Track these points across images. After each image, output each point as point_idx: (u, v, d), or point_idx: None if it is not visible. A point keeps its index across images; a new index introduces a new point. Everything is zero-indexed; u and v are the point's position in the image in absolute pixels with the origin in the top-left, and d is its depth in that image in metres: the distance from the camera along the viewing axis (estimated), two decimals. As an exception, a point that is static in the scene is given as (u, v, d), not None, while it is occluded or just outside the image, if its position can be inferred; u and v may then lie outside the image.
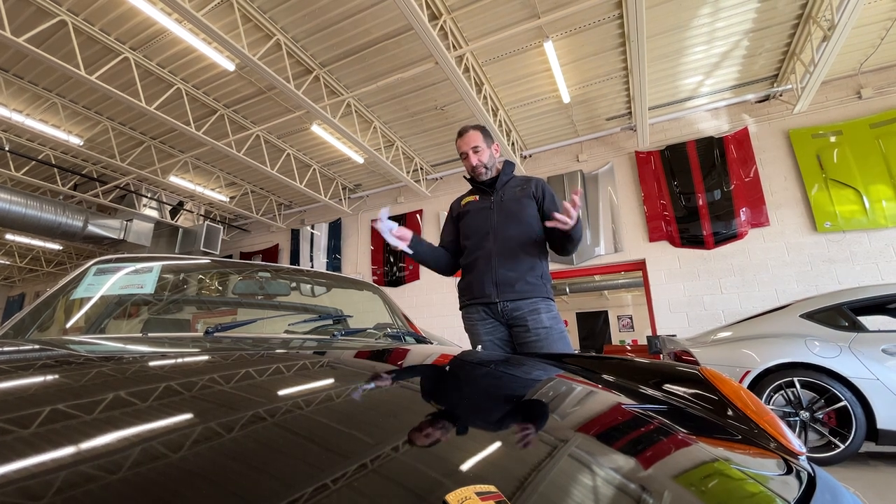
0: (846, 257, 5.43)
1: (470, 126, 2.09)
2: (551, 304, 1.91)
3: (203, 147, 7.12)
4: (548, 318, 1.85)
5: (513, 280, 1.87)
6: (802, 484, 0.63)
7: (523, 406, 0.79)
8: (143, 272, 1.45)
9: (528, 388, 0.95)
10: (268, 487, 0.37)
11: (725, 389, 0.94)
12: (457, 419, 0.63)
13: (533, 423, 0.69)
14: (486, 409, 0.74)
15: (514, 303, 1.86)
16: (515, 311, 1.86)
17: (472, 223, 2.04)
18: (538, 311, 1.85)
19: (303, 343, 1.22)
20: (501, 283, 1.88)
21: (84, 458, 0.38)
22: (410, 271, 8.27)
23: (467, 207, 2.09)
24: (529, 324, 1.83)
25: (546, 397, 0.89)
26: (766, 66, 5.82)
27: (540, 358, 1.34)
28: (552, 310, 1.89)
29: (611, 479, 0.52)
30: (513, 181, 2.07)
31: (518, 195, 2.00)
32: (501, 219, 1.96)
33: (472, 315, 1.97)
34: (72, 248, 12.07)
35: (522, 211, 1.96)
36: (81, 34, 4.95)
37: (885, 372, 2.87)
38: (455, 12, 4.78)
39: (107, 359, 0.79)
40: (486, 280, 1.91)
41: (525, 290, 1.87)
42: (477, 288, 1.94)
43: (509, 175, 2.09)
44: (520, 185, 2.04)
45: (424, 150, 7.73)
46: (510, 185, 2.05)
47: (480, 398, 0.82)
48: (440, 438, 0.54)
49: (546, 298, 1.89)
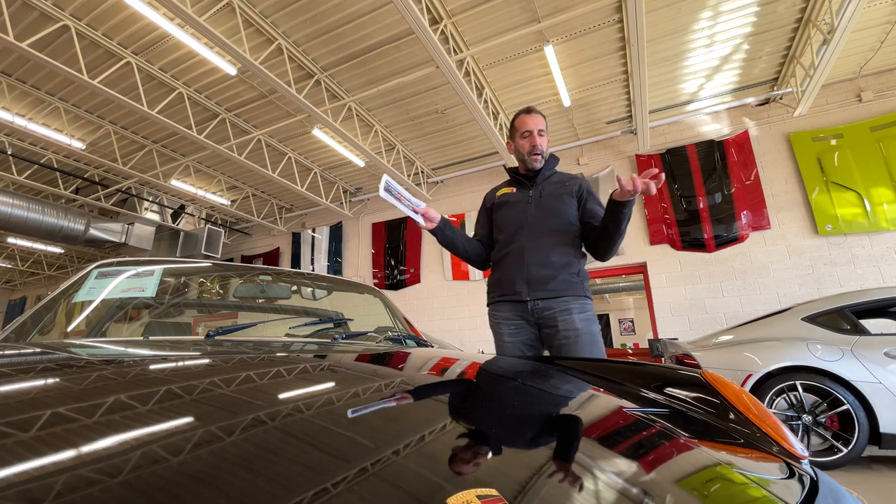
0: (848, 260, 5.42)
1: (536, 109, 1.93)
2: (586, 303, 1.77)
3: (204, 151, 7.15)
4: (580, 319, 1.72)
5: (546, 278, 1.76)
6: (805, 488, 0.62)
7: (525, 410, 0.79)
8: (144, 276, 1.45)
9: (530, 391, 0.95)
10: (269, 492, 0.37)
11: (727, 393, 0.94)
12: (458, 423, 0.63)
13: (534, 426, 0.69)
14: (487, 412, 0.74)
15: (546, 301, 1.74)
16: (546, 310, 1.75)
17: (506, 216, 1.92)
18: (569, 312, 1.72)
19: (304, 346, 1.21)
20: (533, 281, 1.77)
21: (86, 461, 0.38)
22: (411, 275, 8.27)
23: (503, 199, 1.96)
24: (559, 325, 1.72)
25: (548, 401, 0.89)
26: (767, 70, 5.83)
27: (541, 361, 1.34)
28: (586, 310, 1.76)
29: (612, 483, 0.52)
30: (555, 177, 1.95)
31: (559, 192, 1.87)
32: (539, 214, 1.84)
33: (497, 313, 1.87)
34: (73, 251, 12.09)
35: (562, 208, 1.84)
36: (84, 39, 4.97)
37: (887, 375, 2.86)
38: (456, 17, 4.80)
39: (108, 362, 0.79)
40: (517, 277, 1.80)
41: (558, 289, 1.75)
42: (507, 285, 1.83)
43: (552, 170, 1.96)
44: (562, 181, 1.92)
45: (425, 154, 7.74)
46: (552, 181, 1.92)
47: (481, 402, 0.82)
48: (441, 442, 0.54)
49: (580, 297, 1.76)
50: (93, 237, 8.60)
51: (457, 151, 7.65)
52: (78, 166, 7.88)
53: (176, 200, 9.35)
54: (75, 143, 6.70)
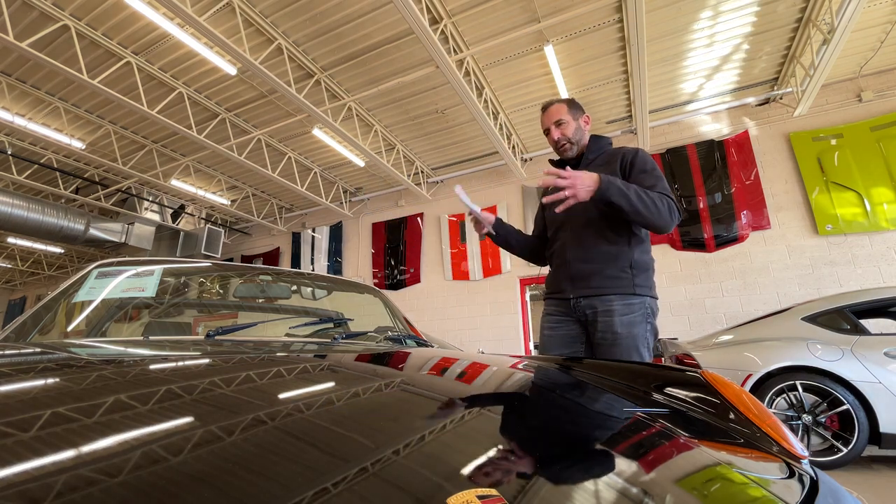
0: (848, 260, 5.42)
1: (555, 100, 1.84)
2: (633, 302, 1.62)
3: (204, 151, 7.15)
4: (621, 322, 1.59)
5: (588, 274, 1.67)
6: (805, 488, 0.62)
7: (525, 409, 0.79)
8: (144, 275, 1.45)
9: (529, 391, 0.95)
10: (270, 491, 0.37)
11: (727, 393, 0.94)
12: (458, 422, 0.63)
13: (534, 426, 0.69)
14: (487, 412, 0.74)
15: (589, 300, 1.66)
16: (588, 308, 1.66)
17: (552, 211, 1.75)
18: (611, 314, 1.61)
19: (304, 346, 1.22)
20: (576, 278, 1.69)
21: (86, 461, 0.38)
22: (411, 274, 8.27)
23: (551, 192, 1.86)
24: (599, 326, 1.63)
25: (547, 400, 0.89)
26: (767, 70, 5.83)
27: (542, 360, 1.34)
28: (632, 310, 1.61)
29: (612, 482, 0.52)
30: (599, 159, 1.79)
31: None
32: (580, 204, 1.59)
33: (545, 308, 1.84)
34: (73, 251, 12.09)
35: None
36: (84, 39, 4.97)
37: (887, 375, 2.86)
38: (456, 16, 4.80)
39: (108, 362, 0.79)
40: (561, 274, 1.76)
41: (602, 286, 1.64)
42: (554, 282, 1.81)
43: (596, 153, 1.82)
44: (607, 161, 1.75)
45: (425, 154, 7.74)
46: (595, 164, 1.78)
47: (481, 401, 0.82)
48: (441, 442, 0.54)
49: (628, 295, 1.62)
50: (93, 237, 8.60)
51: (457, 151, 7.65)
52: (78, 166, 7.89)
53: (176, 200, 9.35)
54: (75, 142, 6.70)
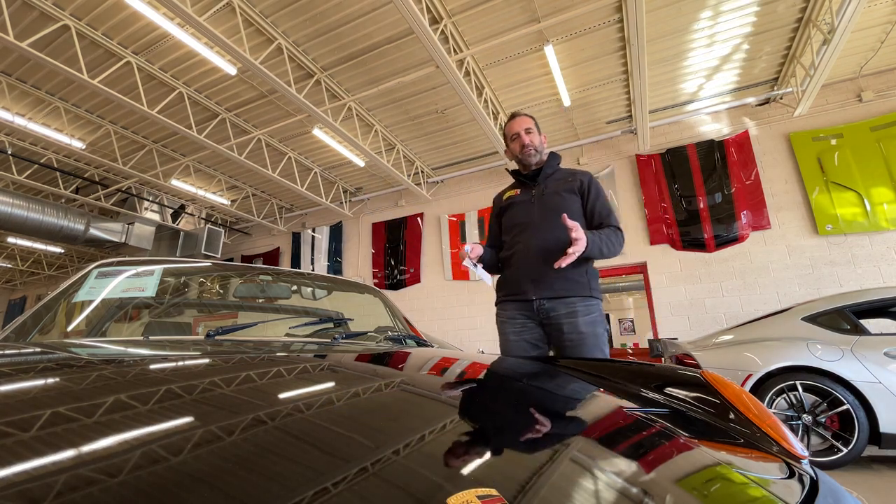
0: (848, 260, 5.42)
1: (522, 112, 2.01)
2: (592, 304, 1.77)
3: (204, 151, 7.15)
4: (584, 322, 1.72)
5: (551, 278, 1.76)
6: (805, 488, 0.62)
7: (525, 409, 0.79)
8: (144, 275, 1.45)
9: (530, 391, 0.95)
10: (269, 491, 0.37)
11: (727, 393, 0.94)
12: (458, 422, 0.63)
13: (534, 426, 0.69)
14: (488, 412, 0.74)
15: (551, 302, 1.75)
16: (551, 311, 1.76)
17: (512, 217, 1.95)
18: (574, 315, 1.73)
19: (304, 346, 1.22)
20: (539, 281, 1.78)
21: (86, 461, 0.38)
22: (411, 274, 8.26)
23: (509, 201, 2.00)
24: (564, 328, 1.73)
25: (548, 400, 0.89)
26: (767, 70, 5.83)
27: (542, 361, 1.34)
28: (592, 311, 1.75)
29: (613, 482, 0.52)
30: (557, 174, 1.96)
31: (561, 188, 1.89)
32: (542, 213, 1.85)
33: (503, 312, 1.89)
34: (73, 251, 12.09)
35: (564, 205, 1.83)
36: (84, 39, 4.97)
37: (887, 375, 2.86)
38: (456, 16, 4.80)
39: (108, 362, 0.79)
40: (522, 276, 1.82)
41: (564, 289, 1.75)
42: (513, 285, 1.86)
43: (554, 168, 1.98)
44: (564, 178, 1.93)
45: (425, 154, 7.74)
46: (554, 178, 1.94)
47: (481, 401, 0.82)
48: (441, 442, 0.54)
49: (587, 298, 1.76)
50: (93, 237, 8.60)
51: (457, 151, 7.65)
52: (78, 166, 7.88)
53: (176, 200, 9.35)
54: (75, 142, 6.69)
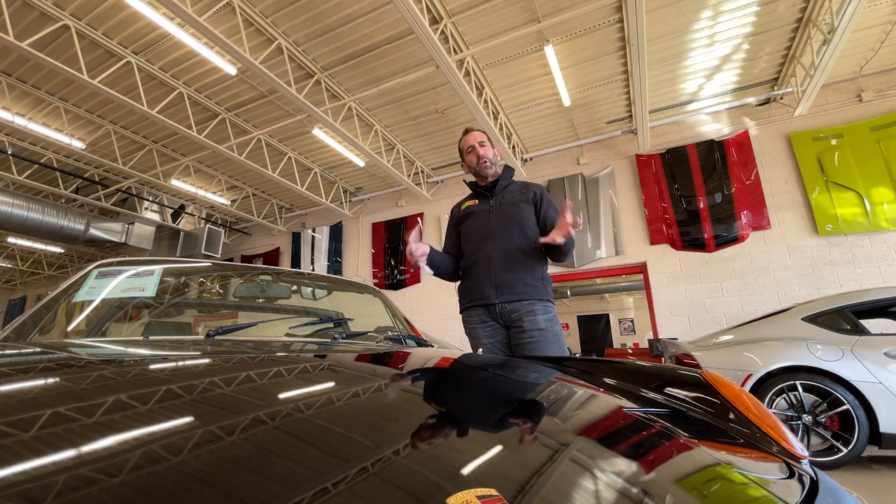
0: (848, 260, 5.43)
1: (475, 127, 2.14)
2: (549, 305, 1.92)
3: (204, 151, 7.15)
4: (544, 319, 1.86)
5: (512, 282, 1.89)
6: (805, 488, 0.62)
7: (524, 409, 0.79)
8: (144, 275, 1.45)
9: (530, 391, 0.95)
10: (269, 491, 0.37)
11: (727, 393, 0.94)
12: (458, 423, 0.63)
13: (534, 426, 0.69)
14: (488, 412, 0.74)
15: (512, 304, 1.87)
16: (513, 312, 1.88)
17: (472, 227, 2.06)
18: (534, 313, 1.86)
19: (304, 346, 1.21)
20: (501, 285, 1.89)
21: (86, 461, 0.38)
22: (411, 275, 8.27)
23: (467, 211, 2.12)
24: (525, 325, 1.85)
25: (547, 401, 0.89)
26: (767, 70, 5.83)
27: (541, 361, 1.34)
28: (549, 311, 1.90)
29: (612, 482, 0.52)
30: (512, 186, 2.10)
31: (517, 199, 2.03)
32: (501, 222, 1.98)
33: (471, 318, 1.99)
34: (73, 251, 12.09)
35: (521, 215, 1.98)
36: (84, 38, 4.97)
37: (887, 375, 2.86)
38: (456, 16, 4.80)
39: (108, 362, 0.79)
40: (485, 282, 1.93)
41: (524, 292, 1.88)
42: (476, 290, 1.96)
43: (508, 180, 2.12)
44: (519, 189, 2.07)
45: (425, 154, 7.75)
46: (509, 190, 2.08)
47: (481, 402, 0.82)
48: (441, 442, 0.54)
49: (544, 300, 1.90)
50: (93, 237, 8.60)
51: (457, 151, 7.63)
52: (78, 166, 7.89)
53: (176, 200, 9.35)
54: (75, 142, 6.69)
